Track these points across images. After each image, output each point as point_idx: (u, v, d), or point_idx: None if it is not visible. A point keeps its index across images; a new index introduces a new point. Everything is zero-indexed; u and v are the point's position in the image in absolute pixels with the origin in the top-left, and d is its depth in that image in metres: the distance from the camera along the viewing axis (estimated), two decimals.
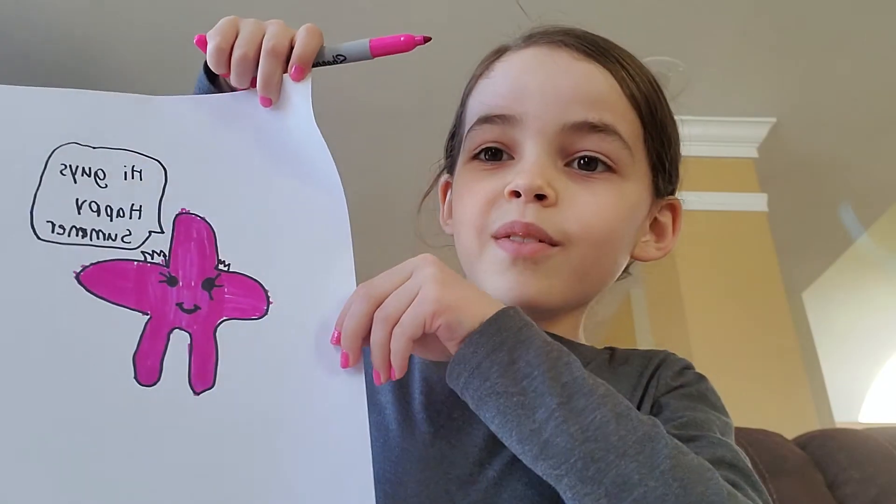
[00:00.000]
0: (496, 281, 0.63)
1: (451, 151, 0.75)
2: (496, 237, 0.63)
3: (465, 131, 0.68)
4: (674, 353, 0.73)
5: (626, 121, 0.65)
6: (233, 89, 0.65)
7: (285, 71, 0.61)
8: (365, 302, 0.53)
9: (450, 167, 0.75)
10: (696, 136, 3.42)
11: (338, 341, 0.54)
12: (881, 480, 1.14)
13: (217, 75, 0.65)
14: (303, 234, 0.58)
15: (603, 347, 0.74)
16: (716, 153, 2.99)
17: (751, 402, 2.53)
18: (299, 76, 0.60)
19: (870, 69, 2.72)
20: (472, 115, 0.68)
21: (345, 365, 0.53)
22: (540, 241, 0.61)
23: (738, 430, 1.22)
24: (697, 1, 2.43)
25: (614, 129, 0.63)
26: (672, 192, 0.76)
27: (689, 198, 3.22)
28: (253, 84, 0.61)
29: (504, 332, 0.51)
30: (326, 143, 0.60)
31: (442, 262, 0.55)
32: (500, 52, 0.71)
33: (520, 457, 0.51)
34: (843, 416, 4.50)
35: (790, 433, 1.28)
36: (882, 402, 5.59)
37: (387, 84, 2.67)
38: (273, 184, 0.60)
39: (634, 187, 0.66)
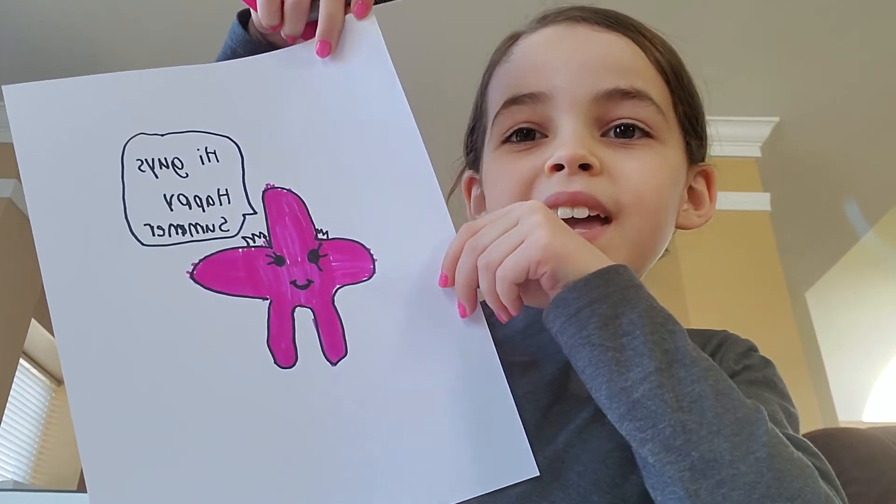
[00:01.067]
0: None
1: (471, 146, 0.72)
2: None
3: (491, 119, 0.65)
4: (735, 334, 0.70)
5: (655, 86, 0.64)
6: (269, 44, 0.62)
7: (346, 12, 0.58)
8: (470, 255, 0.51)
9: (472, 163, 0.72)
10: None
11: (445, 283, 0.53)
12: (886, 480, 1.14)
13: (247, 28, 0.61)
14: (389, 185, 0.57)
15: None
16: (718, 152, 2.96)
17: None
18: (364, 12, 0.57)
19: (874, 68, 2.71)
20: (495, 102, 0.65)
21: (463, 315, 0.53)
22: (590, 212, 0.58)
23: None
24: (700, 1, 2.43)
25: (647, 95, 0.61)
26: (703, 159, 0.73)
27: None
28: (307, 32, 0.58)
29: (611, 285, 0.49)
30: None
31: (551, 211, 0.53)
32: (514, 38, 0.69)
33: (605, 412, 0.49)
34: (846, 415, 4.50)
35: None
36: (885, 402, 5.58)
37: None
38: (348, 139, 0.58)
39: (673, 152, 0.64)
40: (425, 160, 0.57)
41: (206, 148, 0.56)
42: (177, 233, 0.53)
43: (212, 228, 0.53)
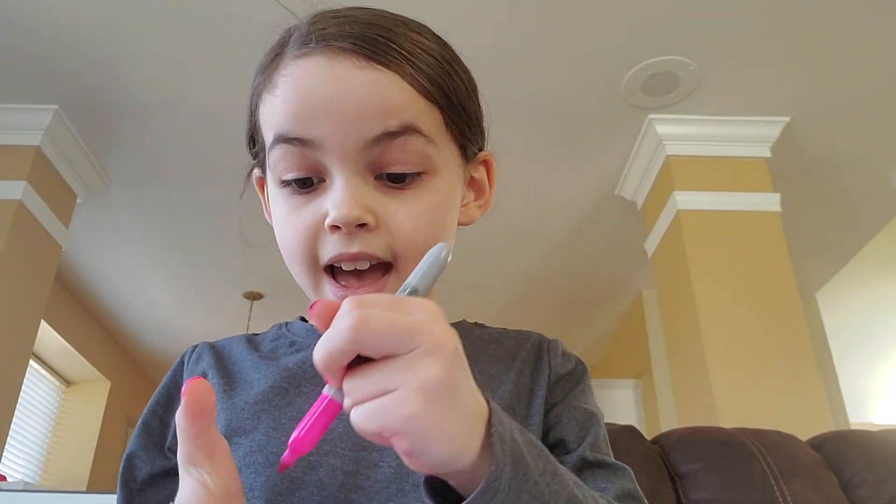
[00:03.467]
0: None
1: (255, 153, 0.71)
2: (327, 269, 0.62)
3: (267, 146, 0.65)
4: (542, 334, 0.73)
5: (424, 115, 0.63)
6: None
7: None
8: (349, 343, 0.41)
9: (260, 164, 0.71)
10: (708, 136, 3.46)
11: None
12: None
13: None
14: None
15: (461, 320, 0.73)
16: (728, 153, 2.98)
17: (764, 403, 2.52)
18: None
19: (883, 68, 2.70)
20: (267, 132, 0.65)
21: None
22: (372, 262, 0.61)
23: (753, 432, 1.21)
24: (709, 0, 2.42)
25: (415, 128, 0.61)
26: (482, 148, 0.73)
27: (702, 198, 3.25)
28: None
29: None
30: None
31: (456, 346, 0.45)
32: (276, 57, 0.66)
33: None
34: (856, 416, 4.48)
35: (804, 434, 1.27)
36: None
37: None
38: None
39: (446, 176, 0.65)
40: None
41: None
42: None
43: None
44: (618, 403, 4.51)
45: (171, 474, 0.65)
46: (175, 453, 0.65)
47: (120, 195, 3.45)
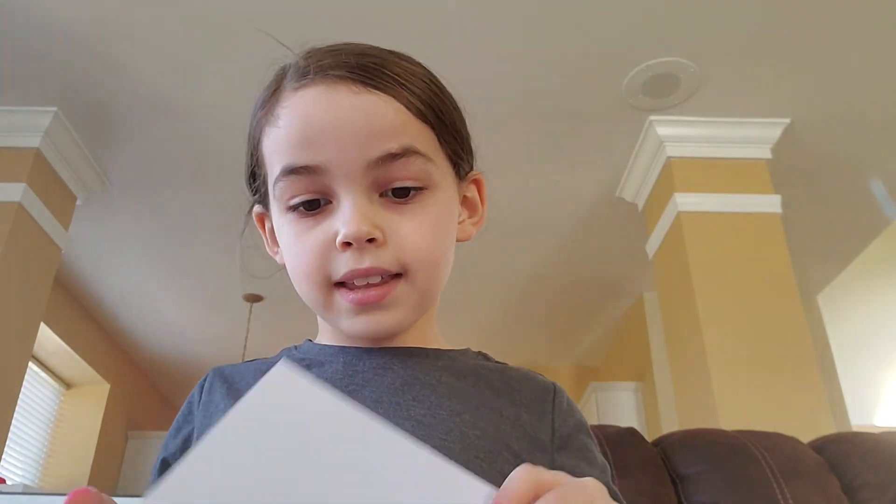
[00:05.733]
0: (349, 325, 0.66)
1: (255, 188, 0.75)
2: (339, 284, 0.66)
3: (272, 181, 0.68)
4: (545, 378, 0.74)
5: (421, 136, 0.67)
6: None
7: None
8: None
9: (260, 200, 0.75)
10: (708, 138, 3.45)
11: None
12: None
13: None
14: None
15: (465, 349, 0.75)
16: (729, 154, 2.98)
17: (766, 405, 2.51)
18: None
19: (885, 69, 2.70)
20: (272, 163, 0.68)
21: None
22: (381, 278, 0.65)
23: (754, 434, 1.21)
24: (709, 2, 2.42)
25: (414, 150, 0.65)
26: (471, 168, 0.77)
27: (703, 200, 3.25)
28: None
29: None
30: None
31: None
32: (276, 94, 0.69)
33: None
34: (858, 418, 4.48)
35: (806, 436, 1.27)
36: None
37: None
38: None
39: (444, 192, 0.69)
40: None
41: None
42: None
43: None
44: (619, 406, 4.51)
45: None
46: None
47: (120, 197, 3.45)
